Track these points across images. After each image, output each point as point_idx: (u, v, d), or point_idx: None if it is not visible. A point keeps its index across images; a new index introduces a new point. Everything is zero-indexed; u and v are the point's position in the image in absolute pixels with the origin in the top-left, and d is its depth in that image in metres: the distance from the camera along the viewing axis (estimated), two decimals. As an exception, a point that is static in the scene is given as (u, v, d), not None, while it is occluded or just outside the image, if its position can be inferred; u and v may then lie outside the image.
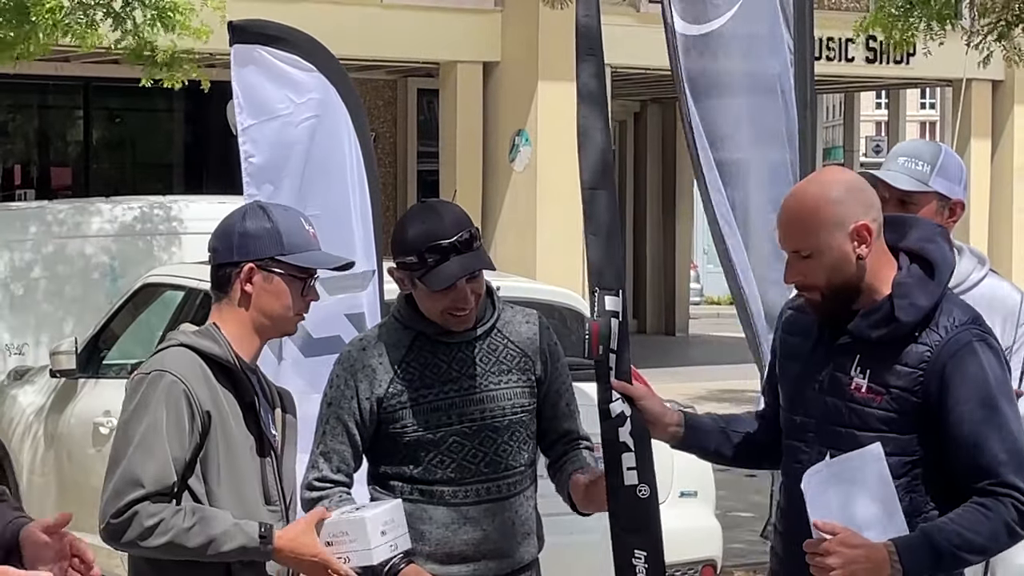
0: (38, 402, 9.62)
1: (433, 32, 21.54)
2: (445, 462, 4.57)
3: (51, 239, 12.55)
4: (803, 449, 4.09)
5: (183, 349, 4.04)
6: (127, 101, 24.37)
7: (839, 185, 4.03)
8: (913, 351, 3.95)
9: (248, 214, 4.14)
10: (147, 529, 3.88)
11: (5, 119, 23.94)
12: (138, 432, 3.93)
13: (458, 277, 4.43)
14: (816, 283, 4.00)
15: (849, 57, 24.36)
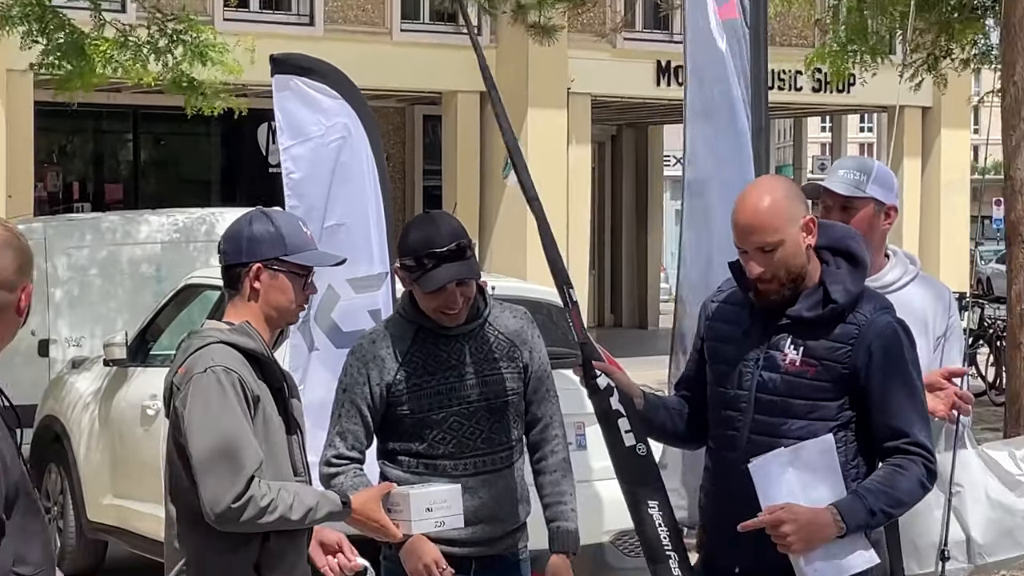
0: (93, 387, 9.61)
1: (436, 66, 21.54)
2: (446, 439, 4.58)
3: (105, 246, 12.53)
4: (738, 418, 4.16)
5: (223, 346, 4.02)
6: (170, 126, 24.34)
7: (784, 187, 4.23)
8: (842, 330, 4.10)
9: (254, 220, 4.12)
10: (262, 509, 3.88)
11: (65, 142, 23.92)
12: (224, 424, 3.91)
13: (445, 282, 4.46)
14: (777, 274, 4.09)
15: (798, 87, 24.35)
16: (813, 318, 4.11)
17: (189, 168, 25.19)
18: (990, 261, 39.99)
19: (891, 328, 4.15)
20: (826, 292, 4.12)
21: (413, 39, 22.33)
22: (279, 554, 4.02)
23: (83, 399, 9.65)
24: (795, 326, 4.13)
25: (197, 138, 24.89)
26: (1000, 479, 4.63)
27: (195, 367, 3.99)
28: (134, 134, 24.21)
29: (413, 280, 4.53)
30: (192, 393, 3.95)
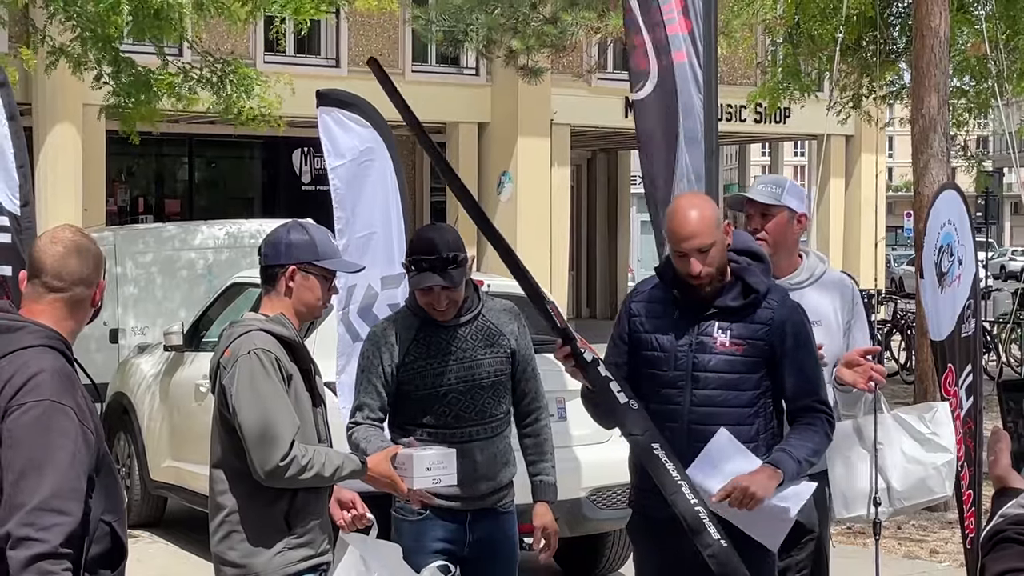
0: (155, 369, 9.59)
1: (441, 100, 21.52)
2: (447, 412, 4.60)
3: (164, 251, 12.52)
4: (677, 395, 4.22)
5: (262, 332, 4.02)
6: (220, 151, 24.33)
7: (708, 201, 4.41)
8: (760, 314, 4.22)
9: (292, 229, 4.14)
10: (303, 467, 3.90)
11: (131, 164, 23.89)
12: (267, 398, 3.92)
13: (426, 285, 4.50)
14: (710, 271, 4.18)
15: (742, 119, 24.37)
16: (738, 306, 4.22)
17: (235, 186, 25.18)
18: (902, 264, 40.11)
19: (797, 312, 4.29)
20: (745, 284, 4.23)
21: (422, 78, 22.31)
22: (304, 507, 4.03)
23: (146, 379, 9.64)
24: (720, 314, 4.22)
25: (242, 161, 24.89)
26: (913, 437, 4.67)
27: (240, 350, 3.99)
28: (189, 158, 24.20)
29: (408, 278, 4.59)
30: (239, 372, 3.96)
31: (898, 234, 59.28)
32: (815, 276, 4.83)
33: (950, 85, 11.93)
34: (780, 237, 4.75)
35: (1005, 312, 20.25)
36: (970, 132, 17.73)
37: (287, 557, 4.01)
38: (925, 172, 9.58)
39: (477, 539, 4.64)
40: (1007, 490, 2.34)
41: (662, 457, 4.16)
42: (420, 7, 13.76)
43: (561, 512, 7.47)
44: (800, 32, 13.50)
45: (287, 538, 4.01)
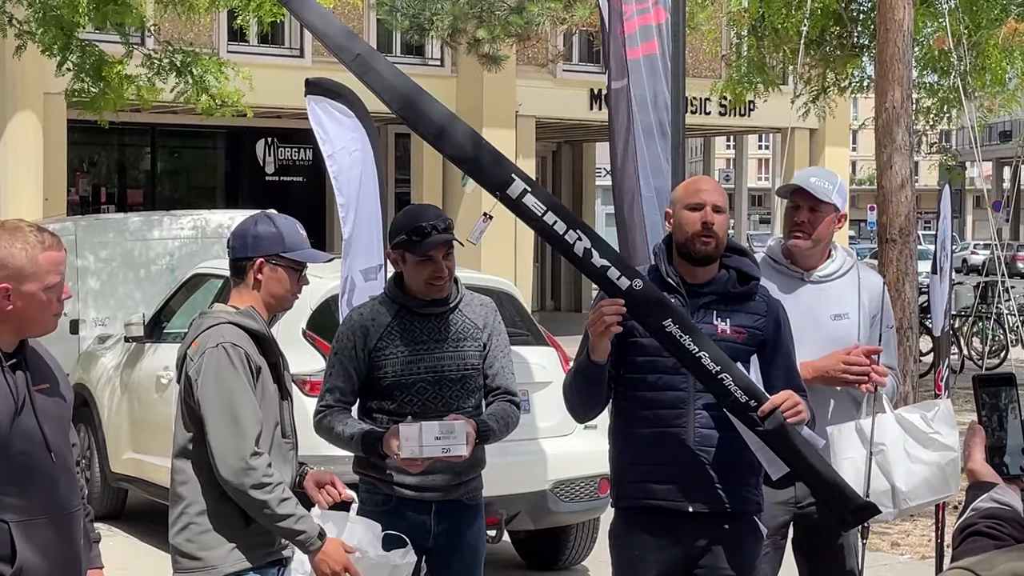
0: (116, 360, 9.53)
1: (406, 92, 21.45)
2: (413, 401, 4.58)
3: (127, 241, 12.43)
4: (682, 382, 4.16)
5: (230, 325, 4.00)
6: (183, 141, 24.21)
7: None
8: (755, 304, 4.27)
9: (259, 221, 4.11)
10: (260, 483, 3.86)
11: (93, 154, 23.75)
12: (232, 393, 3.90)
13: (437, 245, 4.49)
14: (718, 233, 4.21)
15: (707, 111, 24.42)
16: (738, 293, 4.24)
17: (198, 176, 25.06)
18: (864, 257, 40.32)
19: (781, 305, 4.37)
20: (740, 273, 4.25)
21: (387, 69, 22.26)
22: None
23: (107, 370, 9.57)
24: (718, 303, 4.21)
25: (205, 151, 24.77)
26: (915, 438, 4.65)
27: (208, 342, 3.97)
28: (152, 147, 24.07)
29: (407, 252, 4.53)
30: (206, 365, 3.94)
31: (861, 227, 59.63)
32: (843, 270, 4.82)
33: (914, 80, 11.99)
34: (822, 232, 4.74)
35: (967, 306, 20.38)
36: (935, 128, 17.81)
37: (245, 552, 3.98)
38: (888, 166, 9.62)
39: (443, 531, 4.62)
40: (980, 484, 2.35)
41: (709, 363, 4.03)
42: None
43: (525, 505, 7.51)
44: (764, 25, 13.53)
45: (245, 532, 3.97)
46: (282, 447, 4.08)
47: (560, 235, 3.95)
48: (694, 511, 4.17)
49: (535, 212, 3.94)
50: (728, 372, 3.97)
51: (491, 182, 3.99)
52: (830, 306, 4.75)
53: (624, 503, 4.31)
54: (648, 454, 4.21)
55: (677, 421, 4.16)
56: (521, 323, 7.99)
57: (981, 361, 18.47)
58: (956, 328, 19.18)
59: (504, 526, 7.30)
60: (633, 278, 3.98)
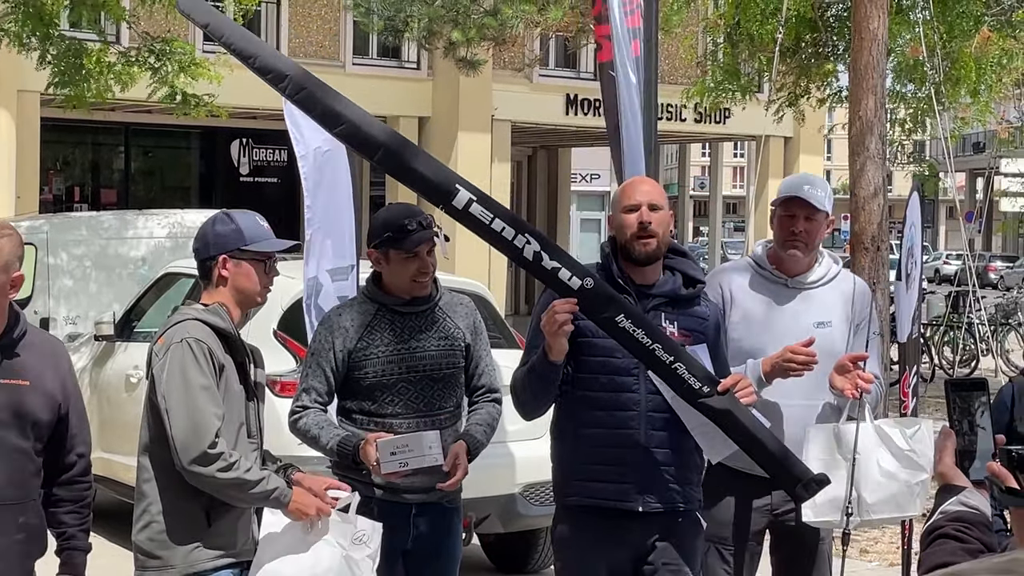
0: (85, 358, 9.48)
1: (382, 94, 21.46)
2: (394, 401, 4.56)
3: (98, 240, 12.37)
4: (633, 383, 4.22)
5: (198, 322, 3.99)
6: (157, 140, 24.13)
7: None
8: (699, 309, 4.37)
9: (216, 220, 4.12)
10: (228, 464, 3.86)
11: (67, 153, 23.65)
12: (194, 387, 3.89)
13: (423, 241, 4.49)
14: (658, 231, 4.26)
15: (682, 118, 24.47)
16: (686, 295, 4.32)
17: (172, 176, 24.99)
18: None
19: (720, 309, 4.50)
20: (685, 276, 4.35)
21: (363, 71, 22.26)
22: (226, 504, 3.99)
23: (76, 368, 9.50)
24: (665, 305, 4.29)
25: (179, 151, 24.70)
26: (891, 452, 4.63)
27: (173, 338, 3.98)
28: (126, 147, 23.98)
29: (391, 250, 4.50)
30: (169, 360, 3.94)
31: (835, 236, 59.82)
32: (828, 276, 4.81)
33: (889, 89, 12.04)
34: (816, 239, 4.75)
35: (938, 315, 20.48)
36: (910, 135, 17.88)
37: (205, 553, 3.96)
38: (861, 174, 9.64)
39: (421, 533, 4.60)
40: (950, 487, 2.36)
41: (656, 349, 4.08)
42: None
43: (495, 508, 7.49)
44: (740, 32, 13.56)
45: (206, 534, 3.96)
46: (246, 447, 4.06)
47: (509, 240, 3.97)
48: (644, 510, 4.23)
49: (482, 220, 3.96)
50: (681, 361, 4.04)
51: (435, 195, 4.00)
52: (814, 313, 4.74)
53: (570, 502, 4.34)
54: (599, 454, 4.24)
55: (629, 422, 4.21)
56: (494, 327, 7.98)
57: (952, 370, 18.56)
58: (927, 337, 19.28)
59: (473, 529, 7.29)
60: (584, 277, 4.02)
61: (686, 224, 38.54)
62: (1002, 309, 20.61)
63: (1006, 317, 20.10)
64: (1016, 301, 21.55)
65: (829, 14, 14.00)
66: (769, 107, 13.80)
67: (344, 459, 4.48)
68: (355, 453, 4.42)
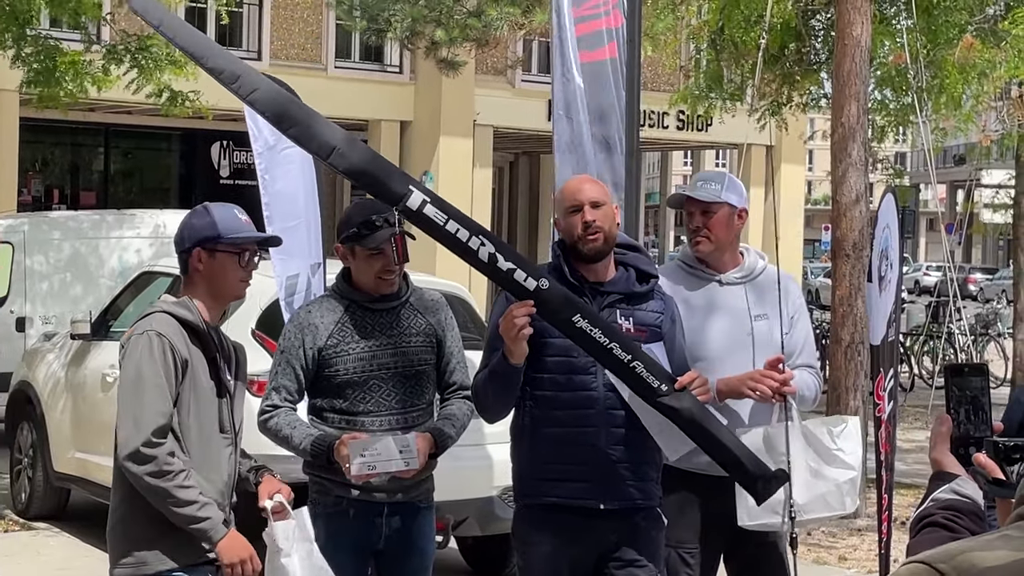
0: (61, 358, 9.42)
1: (364, 98, 21.44)
2: (366, 399, 4.52)
3: (75, 239, 12.32)
4: (591, 381, 4.25)
5: (164, 315, 3.96)
6: (137, 142, 24.06)
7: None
8: (653, 303, 4.39)
9: (193, 213, 4.12)
10: (161, 471, 3.82)
11: (46, 154, 23.56)
12: (145, 379, 3.87)
13: (389, 237, 4.46)
14: (603, 227, 4.29)
15: (664, 125, 24.50)
16: (640, 291, 4.36)
17: (151, 178, 24.91)
18: (818, 276, 40.56)
19: (675, 302, 4.50)
20: (638, 271, 4.38)
21: (345, 74, 22.22)
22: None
23: (52, 368, 9.47)
24: (620, 302, 4.32)
25: (159, 152, 24.63)
26: (818, 452, 4.68)
27: (136, 330, 3.97)
28: (105, 148, 23.89)
29: (357, 246, 4.48)
30: (129, 350, 3.94)
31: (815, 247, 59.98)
32: (756, 272, 4.86)
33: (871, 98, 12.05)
34: (722, 233, 4.78)
35: (918, 325, 20.57)
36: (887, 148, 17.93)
37: (173, 554, 3.92)
38: (843, 181, 9.66)
39: (393, 532, 4.57)
40: (943, 474, 2.34)
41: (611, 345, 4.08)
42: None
43: (473, 511, 7.46)
44: (724, 39, 13.57)
45: (174, 535, 3.92)
46: (219, 443, 4.03)
47: (464, 242, 3.97)
48: (604, 508, 4.25)
49: (436, 222, 3.95)
50: (639, 360, 4.05)
51: (388, 196, 4.00)
52: (750, 307, 4.80)
53: (531, 501, 4.34)
54: (559, 453, 4.25)
55: (587, 420, 4.23)
56: (473, 327, 7.97)
57: (931, 380, 18.59)
58: (907, 347, 19.35)
59: (451, 532, 7.26)
60: (539, 278, 4.03)
61: (667, 233, 38.58)
62: (981, 320, 20.69)
63: (985, 328, 20.17)
64: (995, 312, 21.65)
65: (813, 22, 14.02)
66: (752, 114, 13.80)
67: (317, 459, 4.44)
68: (329, 453, 4.39)
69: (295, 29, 22.18)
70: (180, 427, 3.94)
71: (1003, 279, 45.99)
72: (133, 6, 4.05)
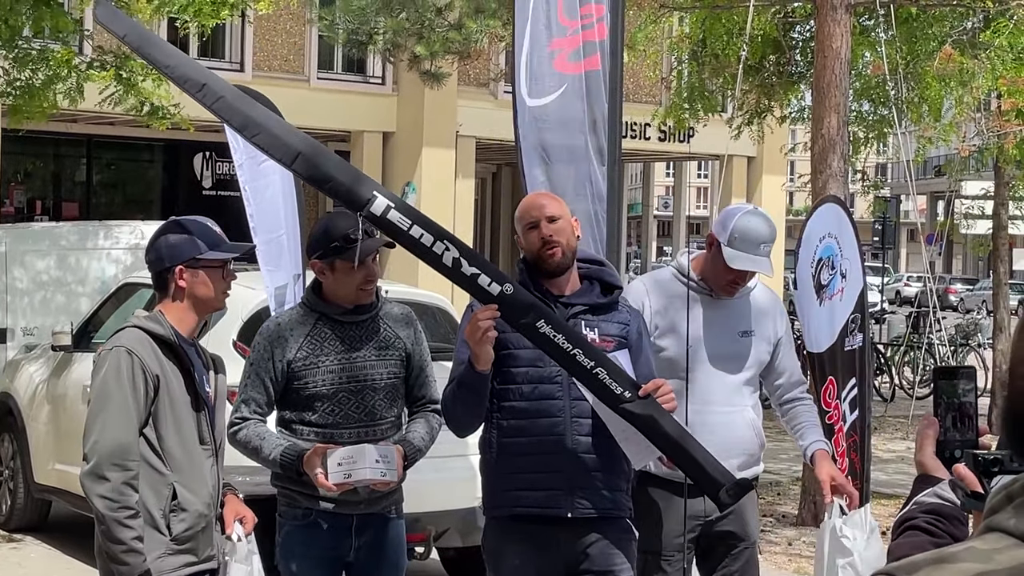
0: (43, 369, 9.39)
1: (346, 109, 21.43)
2: (335, 411, 4.51)
3: (57, 251, 12.29)
4: (557, 390, 4.28)
5: (136, 330, 3.96)
6: (119, 153, 24.00)
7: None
8: (619, 314, 4.41)
9: (168, 229, 4.07)
10: (112, 501, 3.82)
11: (28, 165, 23.47)
12: (109, 398, 3.86)
13: (374, 250, 4.49)
14: (560, 241, 4.32)
15: (646, 136, 24.53)
16: (604, 302, 4.38)
17: (134, 189, 24.85)
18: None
19: (639, 313, 4.54)
20: (602, 283, 4.41)
21: (327, 86, 22.21)
22: (184, 509, 3.96)
23: (33, 379, 9.44)
24: (585, 313, 4.34)
25: (142, 164, 24.57)
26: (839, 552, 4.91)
27: (107, 346, 3.97)
28: (88, 159, 23.83)
29: (338, 260, 4.45)
30: (97, 367, 3.94)
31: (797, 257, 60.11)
32: (749, 287, 4.92)
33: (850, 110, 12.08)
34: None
35: (899, 335, 20.61)
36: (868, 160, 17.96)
37: (167, 562, 3.91)
38: (823, 191, 9.66)
39: (363, 544, 4.56)
40: (927, 477, 2.33)
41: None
42: (325, 8, 13.64)
43: (454, 522, 7.45)
44: (705, 51, 13.59)
45: (167, 542, 3.90)
46: (200, 455, 4.02)
47: (428, 247, 3.98)
48: (572, 516, 4.24)
49: (400, 227, 3.97)
50: (602, 366, 4.06)
51: (352, 201, 4.00)
52: (736, 322, 4.85)
53: (499, 512, 4.35)
54: (526, 463, 4.26)
55: (555, 430, 4.23)
56: (455, 339, 7.95)
57: (912, 390, 18.65)
58: (888, 357, 19.40)
59: (432, 543, 7.25)
60: (503, 283, 4.04)
61: (650, 244, 38.60)
62: (962, 330, 20.75)
63: (966, 338, 20.23)
64: (976, 322, 21.71)
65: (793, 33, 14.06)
66: (730, 124, 13.84)
67: (287, 471, 4.43)
68: (298, 464, 4.37)
69: (278, 41, 22.17)
70: (160, 441, 3.93)
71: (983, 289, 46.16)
72: (98, 19, 4.05)
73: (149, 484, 3.90)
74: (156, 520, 3.90)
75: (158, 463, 3.91)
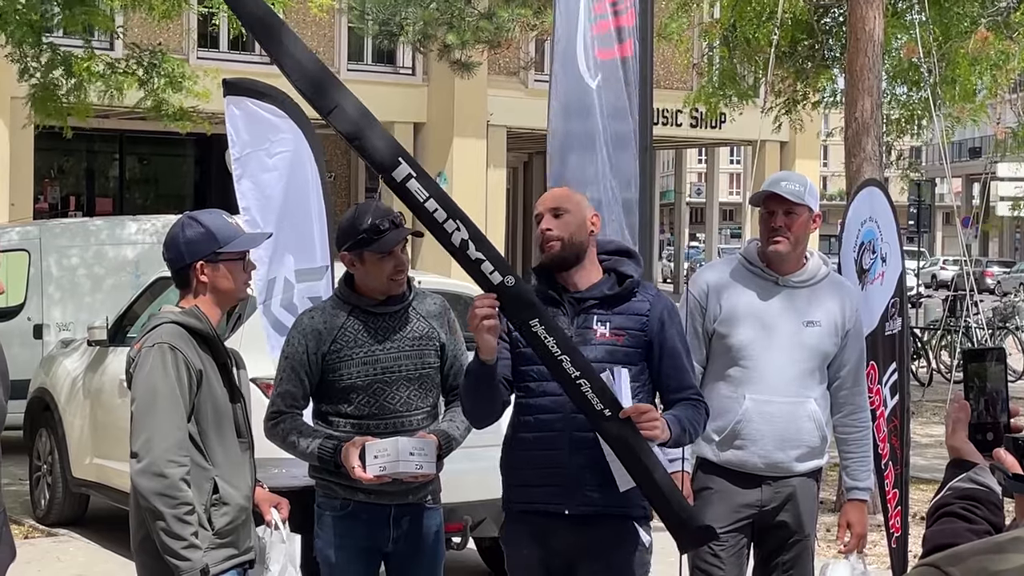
0: (78, 364, 9.45)
1: (377, 100, 21.38)
2: (370, 402, 4.52)
3: (92, 246, 12.35)
4: (557, 385, 4.15)
5: (174, 326, 3.95)
6: (152, 148, 24.12)
7: (579, 194, 4.46)
8: (635, 306, 4.24)
9: (185, 226, 4.04)
10: (163, 494, 3.81)
11: (62, 162, 23.64)
12: (159, 394, 3.86)
13: (399, 241, 4.47)
14: (562, 235, 4.22)
15: (678, 123, 24.47)
16: (614, 295, 4.23)
17: (167, 184, 24.98)
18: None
19: (670, 304, 4.34)
20: (619, 274, 4.28)
21: (358, 77, 22.24)
22: (225, 503, 3.96)
23: (70, 374, 9.49)
24: (597, 307, 4.23)
25: (174, 158, 24.70)
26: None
27: (147, 342, 3.95)
28: (121, 155, 23.98)
29: (367, 251, 4.45)
30: (140, 364, 3.92)
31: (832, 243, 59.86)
32: (818, 277, 4.83)
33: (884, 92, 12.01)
34: (800, 234, 4.76)
35: (936, 319, 20.48)
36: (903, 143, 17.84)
37: (211, 556, 3.91)
38: (858, 175, 9.61)
39: (402, 534, 4.57)
40: (961, 462, 2.30)
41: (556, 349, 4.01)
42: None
43: (490, 512, 7.45)
44: (736, 36, 13.54)
45: (210, 536, 3.92)
46: (237, 447, 4.04)
47: (440, 223, 3.93)
48: (571, 513, 4.19)
49: (417, 198, 3.92)
50: (587, 379, 3.94)
51: (378, 162, 3.98)
52: (803, 312, 4.76)
53: (510, 507, 4.34)
54: (530, 458, 4.23)
55: (555, 425, 4.18)
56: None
57: (949, 374, 18.54)
58: (925, 341, 19.29)
59: (469, 532, 7.25)
60: (506, 275, 3.97)
61: (683, 230, 38.51)
62: (999, 313, 20.62)
63: (1003, 321, 20.10)
64: (1013, 305, 21.57)
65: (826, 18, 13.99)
66: (766, 112, 13.78)
67: (324, 464, 4.44)
68: (336, 456, 4.39)
69: (308, 33, 22.21)
70: (201, 437, 3.93)
71: (1020, 272, 45.88)
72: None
73: (191, 478, 3.91)
74: (199, 514, 3.91)
75: (199, 458, 3.92)
